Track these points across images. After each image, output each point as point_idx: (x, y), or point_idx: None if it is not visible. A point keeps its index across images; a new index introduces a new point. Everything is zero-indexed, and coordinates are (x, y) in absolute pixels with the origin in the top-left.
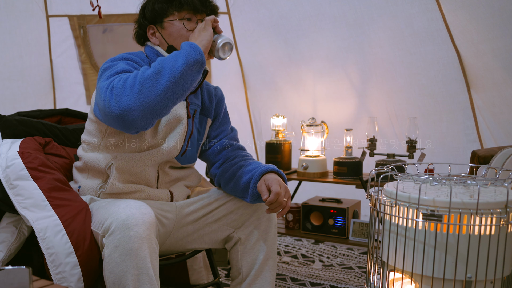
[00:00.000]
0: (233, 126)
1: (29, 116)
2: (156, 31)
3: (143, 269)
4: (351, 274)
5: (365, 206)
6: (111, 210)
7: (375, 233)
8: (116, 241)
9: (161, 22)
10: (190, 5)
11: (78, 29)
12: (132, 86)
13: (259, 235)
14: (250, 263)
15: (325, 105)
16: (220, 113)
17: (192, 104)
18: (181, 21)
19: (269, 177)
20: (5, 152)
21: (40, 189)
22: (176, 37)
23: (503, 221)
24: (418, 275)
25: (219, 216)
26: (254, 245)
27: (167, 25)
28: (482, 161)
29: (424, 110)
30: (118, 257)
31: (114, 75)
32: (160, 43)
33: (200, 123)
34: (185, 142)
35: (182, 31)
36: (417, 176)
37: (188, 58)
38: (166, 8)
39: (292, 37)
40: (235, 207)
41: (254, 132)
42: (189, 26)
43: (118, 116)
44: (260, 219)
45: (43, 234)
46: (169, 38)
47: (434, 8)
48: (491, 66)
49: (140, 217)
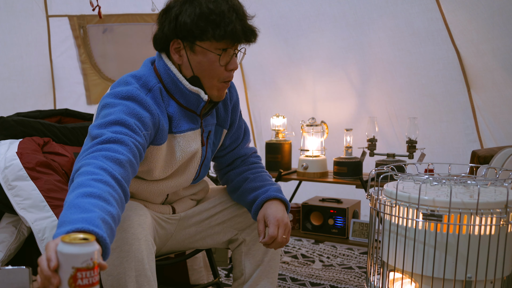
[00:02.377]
0: (246, 126)
1: (29, 116)
2: (182, 49)
3: (141, 270)
4: (351, 274)
5: (365, 206)
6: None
7: (375, 233)
8: (113, 243)
9: (193, 44)
10: (233, 36)
11: (78, 29)
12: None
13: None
14: (253, 265)
15: (325, 105)
16: (236, 119)
17: (207, 126)
18: (217, 54)
19: (270, 210)
20: (3, 153)
21: (38, 190)
22: (206, 70)
23: (503, 221)
24: (418, 275)
25: (223, 219)
26: (258, 247)
27: (200, 50)
28: (482, 161)
29: (424, 110)
30: (116, 259)
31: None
32: (184, 66)
33: (216, 135)
34: (198, 170)
35: (214, 66)
36: (417, 176)
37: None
38: (204, 29)
39: (292, 37)
40: (240, 211)
41: (254, 132)
42: (224, 60)
43: None
44: None
45: (41, 235)
46: (197, 67)
47: (434, 8)
48: (491, 66)
49: (136, 219)
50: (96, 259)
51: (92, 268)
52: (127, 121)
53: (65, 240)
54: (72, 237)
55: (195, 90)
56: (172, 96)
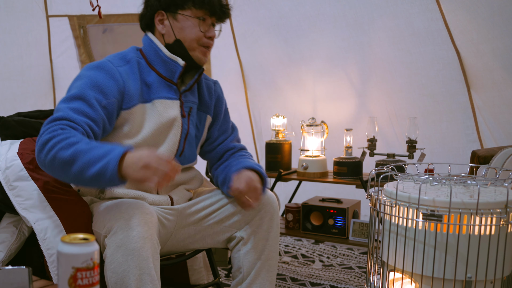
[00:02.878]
0: (234, 124)
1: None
2: (165, 19)
3: (145, 269)
4: (351, 274)
5: (365, 206)
6: (114, 211)
7: (375, 233)
8: (119, 241)
9: (175, 13)
10: (211, 7)
11: (78, 29)
12: (46, 155)
13: (261, 235)
14: (251, 263)
15: (325, 105)
16: (221, 112)
17: (187, 102)
18: (198, 20)
19: (244, 172)
20: (4, 153)
21: (40, 190)
22: (188, 34)
23: (503, 221)
24: (418, 275)
25: (221, 218)
26: (256, 244)
27: (181, 18)
28: (482, 161)
29: (424, 110)
30: (121, 257)
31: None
32: (167, 34)
33: (199, 119)
34: (181, 143)
35: (195, 30)
36: (417, 176)
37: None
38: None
39: (292, 37)
40: (237, 209)
41: (254, 132)
42: (203, 27)
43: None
44: (262, 219)
45: (43, 235)
46: (180, 32)
47: (434, 8)
48: (491, 66)
49: (142, 217)
50: (96, 259)
51: (92, 268)
52: (87, 96)
53: (65, 240)
54: (72, 237)
55: (173, 57)
56: (152, 68)
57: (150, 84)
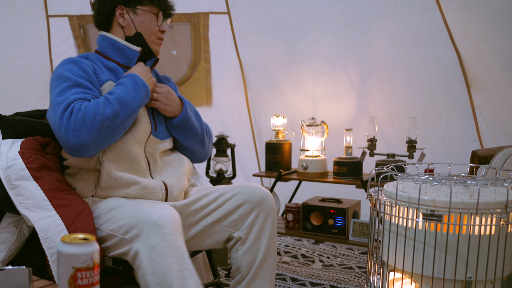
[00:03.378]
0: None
1: (28, 116)
2: (125, 13)
3: (184, 264)
4: (351, 274)
5: (365, 206)
6: (136, 214)
7: (375, 233)
8: (152, 242)
9: (134, 8)
10: (162, 4)
11: (78, 29)
12: (92, 123)
13: (258, 234)
14: (249, 262)
15: (325, 105)
16: (177, 91)
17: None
18: (154, 16)
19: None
20: (5, 152)
21: (41, 189)
22: (146, 27)
23: (503, 221)
24: (418, 275)
25: (218, 217)
26: (253, 244)
27: (141, 12)
28: (482, 161)
29: (424, 110)
30: (157, 256)
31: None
32: (127, 26)
33: None
34: (150, 118)
35: (153, 24)
36: (417, 176)
37: (142, 101)
38: None
39: (292, 37)
40: (233, 207)
41: (254, 132)
42: (159, 22)
43: (74, 148)
44: (258, 217)
45: (45, 234)
46: (140, 25)
47: (434, 8)
48: (491, 66)
49: (170, 216)
50: (96, 259)
51: (92, 268)
52: (76, 81)
53: (65, 240)
54: (72, 237)
55: (129, 45)
56: (110, 59)
57: (113, 69)
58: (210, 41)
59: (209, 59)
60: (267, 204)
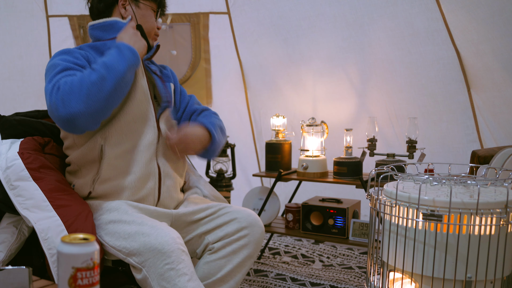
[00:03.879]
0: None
1: (27, 116)
2: (128, 4)
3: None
4: (351, 274)
5: (365, 206)
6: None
7: (375, 233)
8: (160, 270)
9: (137, 0)
10: (160, 3)
11: (78, 29)
12: (79, 91)
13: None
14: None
15: (325, 105)
16: (177, 82)
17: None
18: (153, 11)
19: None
20: (4, 152)
21: (41, 190)
22: (147, 22)
23: (503, 221)
24: (418, 275)
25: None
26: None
27: (143, 6)
28: (482, 161)
29: (424, 110)
30: (168, 283)
31: (57, 74)
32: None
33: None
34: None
35: (152, 19)
36: (417, 176)
37: (129, 63)
38: None
39: (292, 37)
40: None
41: (254, 132)
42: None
43: (66, 120)
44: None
45: (44, 235)
46: (141, 18)
47: (434, 8)
48: (491, 66)
49: (173, 242)
50: (96, 259)
51: (92, 268)
52: (69, 66)
53: (65, 240)
54: (72, 237)
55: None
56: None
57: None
58: (210, 41)
59: (209, 59)
60: (255, 231)
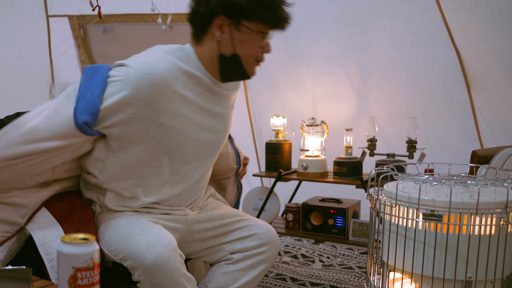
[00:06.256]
0: None
1: None
2: (226, 26)
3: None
4: (351, 274)
5: (365, 206)
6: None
7: (375, 233)
8: (154, 280)
9: (239, 22)
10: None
11: (78, 29)
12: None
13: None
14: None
15: (325, 105)
16: None
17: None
18: (259, 35)
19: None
20: None
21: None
22: (248, 49)
23: (503, 221)
24: (418, 275)
25: (226, 241)
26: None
27: (245, 30)
28: (482, 161)
29: (424, 110)
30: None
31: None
32: (224, 43)
33: None
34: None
35: (255, 45)
36: (417, 176)
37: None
38: (255, 11)
39: (292, 37)
40: (242, 236)
41: (254, 132)
42: (263, 43)
43: None
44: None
45: (41, 240)
46: (239, 45)
47: (434, 8)
48: (491, 66)
49: (165, 251)
50: (96, 259)
51: (92, 268)
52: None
53: (65, 240)
54: (72, 237)
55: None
56: None
57: None
58: None
59: None
60: (274, 247)
